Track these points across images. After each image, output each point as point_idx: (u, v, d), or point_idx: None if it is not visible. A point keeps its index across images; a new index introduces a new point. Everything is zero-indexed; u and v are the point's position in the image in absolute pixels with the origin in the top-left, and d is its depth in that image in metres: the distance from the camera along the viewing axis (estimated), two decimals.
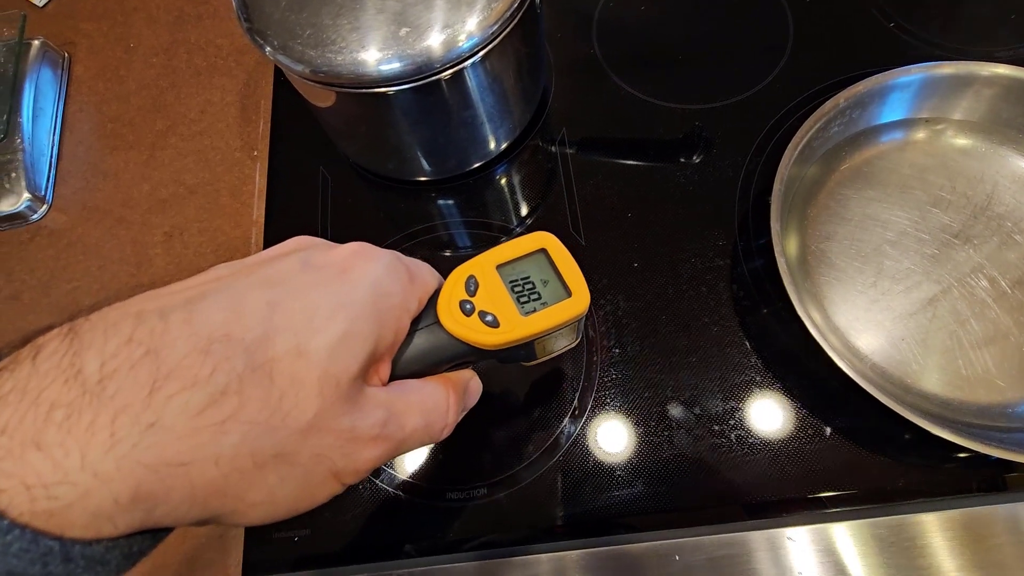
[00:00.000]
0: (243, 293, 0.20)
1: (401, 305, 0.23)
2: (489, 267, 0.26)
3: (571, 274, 0.27)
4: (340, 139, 0.48)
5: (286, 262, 0.22)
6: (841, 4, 0.51)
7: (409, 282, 0.24)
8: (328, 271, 0.22)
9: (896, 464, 0.36)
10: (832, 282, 0.40)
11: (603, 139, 0.49)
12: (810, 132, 0.40)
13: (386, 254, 0.24)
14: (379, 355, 0.22)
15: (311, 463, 0.20)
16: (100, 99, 0.57)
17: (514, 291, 0.26)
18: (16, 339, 0.20)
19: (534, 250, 0.27)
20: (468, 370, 0.28)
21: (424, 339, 0.25)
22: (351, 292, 0.22)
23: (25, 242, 0.51)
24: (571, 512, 0.37)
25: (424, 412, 0.24)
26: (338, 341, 0.20)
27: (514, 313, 0.25)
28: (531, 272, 0.27)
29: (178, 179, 0.52)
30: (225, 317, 0.19)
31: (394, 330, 0.23)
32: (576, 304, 0.26)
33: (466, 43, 0.37)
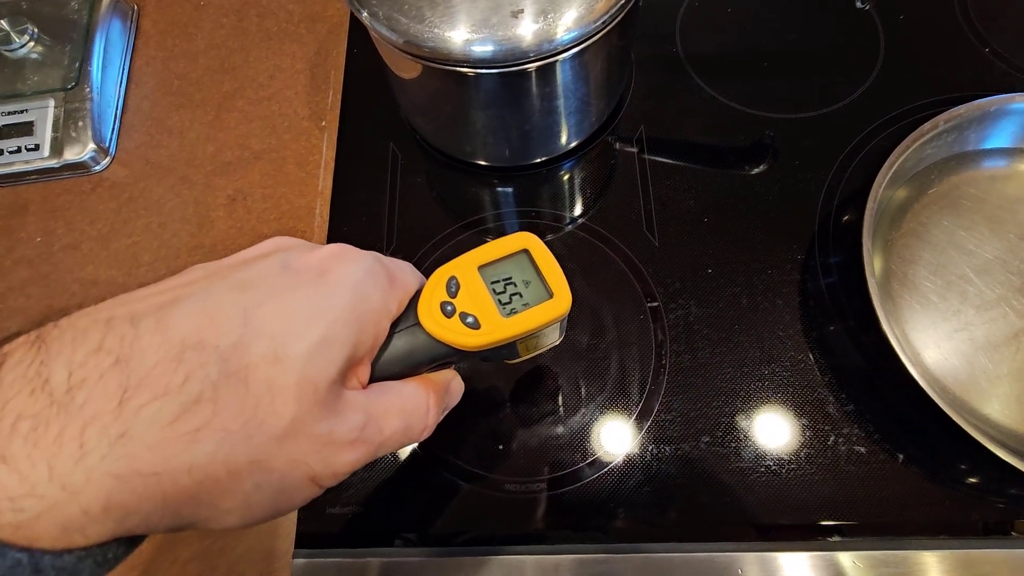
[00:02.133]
0: (218, 298, 0.20)
1: (380, 308, 0.23)
2: (471, 268, 0.26)
3: (553, 275, 0.26)
4: (417, 116, 0.47)
5: (264, 264, 0.22)
6: (935, 25, 0.50)
7: (389, 285, 0.24)
8: (307, 274, 0.22)
9: (969, 496, 0.36)
10: (914, 306, 0.40)
11: (680, 140, 0.48)
12: (906, 152, 0.39)
13: (366, 256, 0.24)
14: (358, 359, 0.22)
15: (288, 468, 0.20)
16: (168, 55, 0.56)
17: (495, 292, 0.26)
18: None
19: (516, 251, 0.27)
20: (450, 370, 0.27)
21: (404, 341, 0.25)
22: (330, 296, 0.21)
23: (87, 192, 0.50)
24: (630, 515, 0.37)
25: (404, 414, 0.24)
26: (316, 346, 0.20)
27: (495, 314, 0.25)
28: (513, 273, 0.26)
29: (243, 143, 0.52)
30: (198, 323, 0.19)
31: (373, 334, 0.23)
32: (557, 305, 0.26)
33: (564, 36, 0.37)
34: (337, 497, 0.38)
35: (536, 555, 0.36)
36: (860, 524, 0.36)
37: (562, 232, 0.45)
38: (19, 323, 0.46)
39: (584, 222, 0.45)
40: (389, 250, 0.45)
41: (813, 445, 0.38)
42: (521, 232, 0.27)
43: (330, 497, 0.38)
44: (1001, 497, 0.36)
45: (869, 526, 0.36)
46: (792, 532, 0.36)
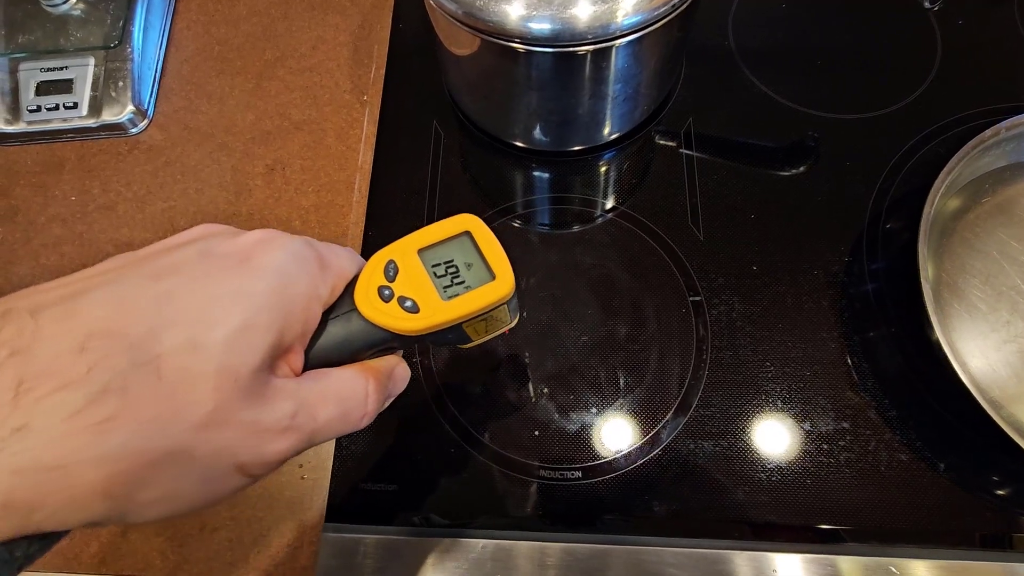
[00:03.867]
0: (130, 287, 0.19)
1: (309, 293, 0.22)
2: (410, 251, 0.25)
3: (495, 257, 0.26)
4: (464, 94, 0.47)
5: (183, 252, 0.21)
6: (993, 32, 0.49)
7: (319, 269, 0.23)
8: (229, 260, 0.21)
9: (1014, 509, 0.35)
10: (962, 314, 0.39)
11: (728, 136, 0.47)
12: (965, 158, 0.38)
13: (295, 241, 0.23)
14: (286, 345, 0.22)
15: (211, 458, 0.19)
16: (209, 20, 0.55)
17: (436, 275, 0.25)
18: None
19: (458, 233, 0.26)
20: (394, 356, 0.27)
21: (340, 327, 0.24)
22: (252, 282, 0.21)
23: (123, 154, 0.50)
24: (665, 508, 0.36)
25: (340, 401, 0.23)
26: (236, 333, 0.19)
27: (435, 298, 0.25)
28: (455, 255, 0.26)
29: (284, 112, 0.51)
30: (106, 313, 0.18)
31: (302, 319, 0.22)
32: (500, 287, 0.25)
33: (624, 21, 0.36)
34: (370, 474, 0.38)
35: (568, 543, 0.36)
36: (899, 531, 0.35)
37: (604, 220, 0.45)
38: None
39: (628, 212, 0.45)
40: None
41: (853, 449, 0.37)
42: (463, 214, 0.26)
43: (363, 473, 0.38)
44: None
45: (908, 533, 0.35)
46: (829, 535, 0.35)
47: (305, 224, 0.46)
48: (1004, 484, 0.36)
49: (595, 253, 0.43)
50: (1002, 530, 0.35)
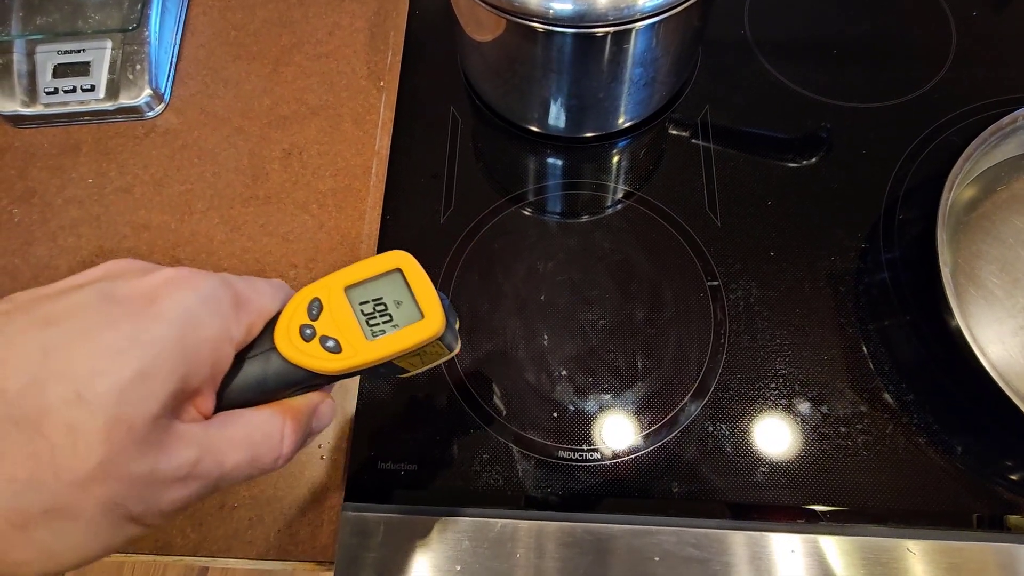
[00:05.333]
0: (13, 337, 0.19)
1: (219, 336, 0.22)
2: (336, 289, 0.25)
3: (425, 295, 0.25)
4: (482, 78, 0.47)
5: (80, 295, 0.20)
6: (1007, 22, 0.49)
7: (233, 309, 0.23)
8: (130, 305, 0.20)
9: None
10: (979, 301, 0.39)
11: (744, 124, 0.48)
12: (981, 146, 0.39)
13: (208, 281, 0.22)
14: (192, 389, 0.21)
15: (97, 513, 0.19)
16: (225, 5, 0.55)
17: (363, 313, 0.25)
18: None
19: (389, 270, 0.25)
20: (317, 393, 0.26)
21: (257, 367, 0.23)
22: (151, 327, 0.20)
23: (140, 137, 0.50)
24: (684, 490, 0.37)
25: (250, 445, 0.22)
26: (129, 382, 0.19)
27: (359, 337, 0.24)
28: (384, 293, 0.25)
29: (300, 98, 0.51)
30: None
31: (210, 363, 0.21)
32: (427, 326, 0.25)
33: (644, 4, 0.36)
34: (390, 453, 0.38)
35: (587, 523, 0.36)
36: (917, 512, 0.35)
37: (621, 206, 0.45)
38: (68, 262, 0.45)
39: (645, 198, 0.45)
40: (447, 214, 0.45)
41: (871, 433, 0.37)
42: (395, 251, 0.26)
43: (383, 452, 0.38)
44: None
45: (926, 515, 0.35)
46: (847, 517, 0.36)
47: (322, 208, 0.46)
48: (1022, 467, 0.36)
49: (613, 238, 0.44)
50: (1018, 513, 0.35)
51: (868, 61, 0.49)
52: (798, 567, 0.35)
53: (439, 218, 0.45)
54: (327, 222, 0.46)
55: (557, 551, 0.35)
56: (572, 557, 0.35)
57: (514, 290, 0.42)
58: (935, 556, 0.34)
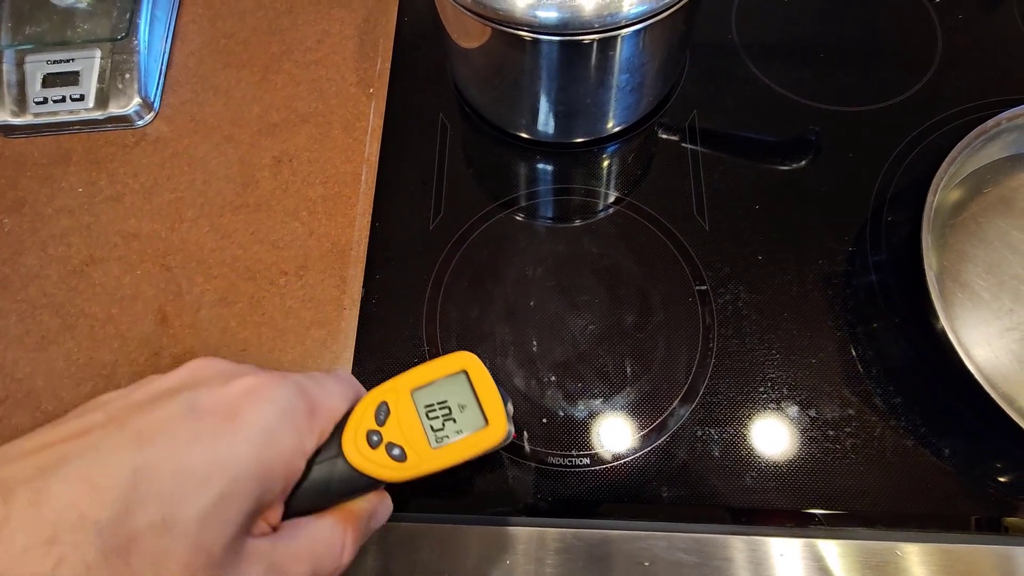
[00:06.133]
0: (107, 458, 0.19)
1: (294, 451, 0.22)
2: (404, 392, 0.25)
3: (490, 400, 0.25)
4: (470, 85, 0.47)
5: (168, 407, 0.21)
6: (993, 26, 0.50)
7: (308, 420, 0.23)
8: (213, 418, 0.21)
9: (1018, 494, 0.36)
10: (965, 303, 0.40)
11: (732, 129, 0.48)
12: (966, 149, 0.39)
13: (284, 390, 0.23)
14: (265, 506, 0.21)
15: None
16: (215, 13, 0.55)
17: (428, 417, 0.25)
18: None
19: (454, 372, 0.26)
20: (377, 493, 0.26)
21: (324, 472, 0.24)
22: (234, 446, 0.20)
23: (130, 146, 0.50)
24: (673, 494, 0.37)
25: (314, 558, 0.23)
26: (212, 507, 0.19)
27: (424, 445, 0.25)
28: (449, 396, 0.25)
29: (290, 105, 0.51)
30: (79, 492, 0.18)
31: (284, 478, 0.22)
32: (491, 435, 0.25)
33: (630, 10, 0.36)
34: None
35: (577, 528, 0.36)
36: (905, 515, 0.36)
37: (610, 211, 0.45)
38: (59, 271, 0.45)
39: (633, 203, 0.45)
40: (436, 220, 0.45)
41: (859, 435, 0.37)
42: (461, 352, 0.26)
43: None
44: None
45: (914, 517, 0.36)
46: (837, 520, 0.36)
47: (312, 215, 0.47)
48: (1009, 469, 0.36)
49: (601, 243, 0.44)
50: (1006, 514, 0.35)
51: (855, 65, 0.49)
52: (788, 570, 0.35)
53: (428, 224, 0.45)
54: (317, 229, 0.46)
55: (547, 557, 0.36)
56: (562, 563, 0.35)
57: (503, 296, 0.42)
58: (924, 558, 0.35)
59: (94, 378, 0.42)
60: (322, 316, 0.43)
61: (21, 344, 0.43)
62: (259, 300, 0.44)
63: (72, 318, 0.44)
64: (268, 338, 0.43)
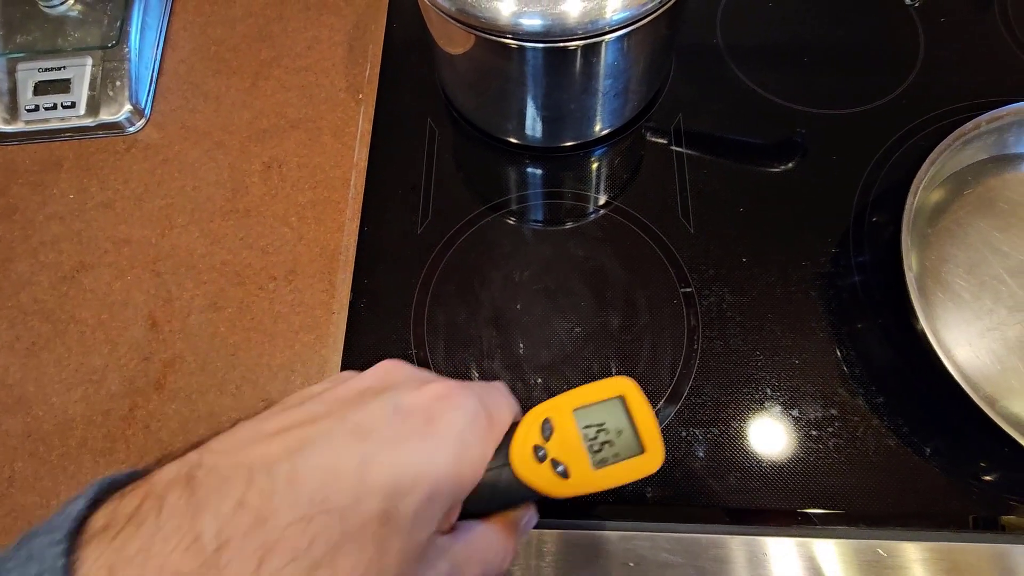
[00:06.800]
0: (339, 447, 0.21)
1: (480, 457, 0.24)
2: (566, 410, 0.26)
3: (647, 427, 0.26)
4: (457, 91, 0.47)
5: (377, 406, 0.23)
6: (975, 29, 0.50)
7: (489, 430, 0.25)
8: (415, 421, 0.23)
9: (998, 492, 0.36)
10: (947, 303, 0.40)
11: (717, 132, 0.48)
12: (947, 150, 0.39)
13: (470, 399, 0.24)
14: (455, 504, 0.24)
15: None
16: (205, 21, 0.56)
17: (587, 438, 0.26)
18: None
19: (612, 396, 0.26)
20: (530, 503, 0.28)
21: (495, 480, 0.25)
22: (437, 450, 0.23)
23: (121, 152, 0.50)
24: (658, 494, 0.37)
25: (485, 561, 0.25)
26: (421, 505, 0.21)
27: (585, 464, 0.25)
28: (607, 419, 0.26)
29: (280, 111, 0.52)
30: (324, 478, 0.20)
31: (471, 481, 0.24)
32: (649, 462, 0.25)
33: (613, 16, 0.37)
34: None
35: (561, 530, 0.37)
36: (887, 514, 0.36)
37: (596, 214, 0.46)
38: (50, 278, 0.46)
39: (619, 206, 0.45)
40: (424, 225, 0.45)
41: (842, 436, 0.38)
42: (619, 376, 0.27)
43: None
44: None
45: (895, 516, 0.36)
46: (819, 519, 0.36)
47: (302, 220, 0.47)
48: (988, 467, 0.37)
49: (588, 247, 0.44)
50: (986, 512, 0.36)
51: (838, 68, 0.50)
52: (772, 569, 0.35)
53: (417, 229, 0.45)
54: (306, 234, 0.47)
55: (533, 559, 0.36)
56: (547, 564, 0.36)
57: (490, 299, 0.43)
58: (907, 556, 0.35)
59: (84, 383, 0.42)
60: (311, 320, 0.44)
61: (11, 350, 0.43)
62: (248, 305, 0.44)
63: (63, 324, 0.44)
64: (257, 342, 0.43)
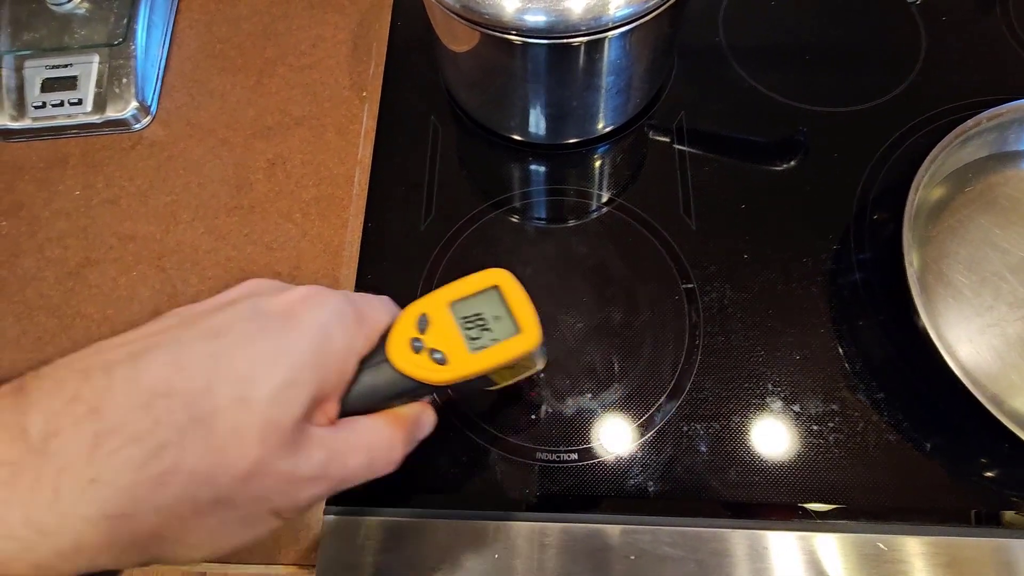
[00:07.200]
0: (187, 346, 0.21)
1: (346, 348, 0.24)
2: (442, 304, 0.27)
3: (522, 310, 0.27)
4: (461, 88, 0.48)
5: (234, 310, 0.23)
6: (977, 27, 0.50)
7: (356, 324, 0.25)
8: (275, 319, 0.23)
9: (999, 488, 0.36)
10: (948, 300, 0.40)
11: (719, 129, 0.48)
12: (948, 147, 0.39)
13: (335, 297, 0.25)
14: (324, 396, 0.23)
15: (251, 505, 0.21)
16: (211, 19, 0.56)
17: (465, 327, 0.27)
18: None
19: (487, 287, 0.27)
20: (419, 403, 0.28)
21: (373, 376, 0.26)
22: (295, 340, 0.23)
23: (126, 149, 0.51)
24: (660, 489, 0.37)
25: (368, 450, 0.25)
26: (279, 389, 0.21)
27: (463, 350, 0.26)
28: (484, 309, 0.27)
29: (284, 109, 0.52)
30: (168, 371, 0.20)
31: (339, 372, 0.24)
32: (524, 340, 0.26)
33: (616, 13, 0.37)
34: None
35: (564, 523, 0.37)
36: (887, 508, 0.36)
37: (598, 211, 0.46)
38: (56, 273, 0.46)
39: (621, 202, 0.46)
40: (428, 221, 0.46)
41: (842, 431, 0.38)
42: (493, 268, 0.28)
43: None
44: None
45: (896, 511, 0.36)
46: (820, 514, 0.36)
47: (306, 217, 0.47)
48: (988, 462, 0.37)
49: (590, 243, 0.44)
50: (987, 507, 0.36)
51: (840, 66, 0.50)
52: (773, 563, 0.35)
53: (420, 225, 0.46)
54: (310, 230, 0.47)
55: (536, 552, 0.36)
56: (551, 557, 0.36)
57: None
58: (907, 550, 0.35)
59: None
60: None
61: (18, 345, 0.44)
62: None
63: (69, 319, 0.45)
64: None
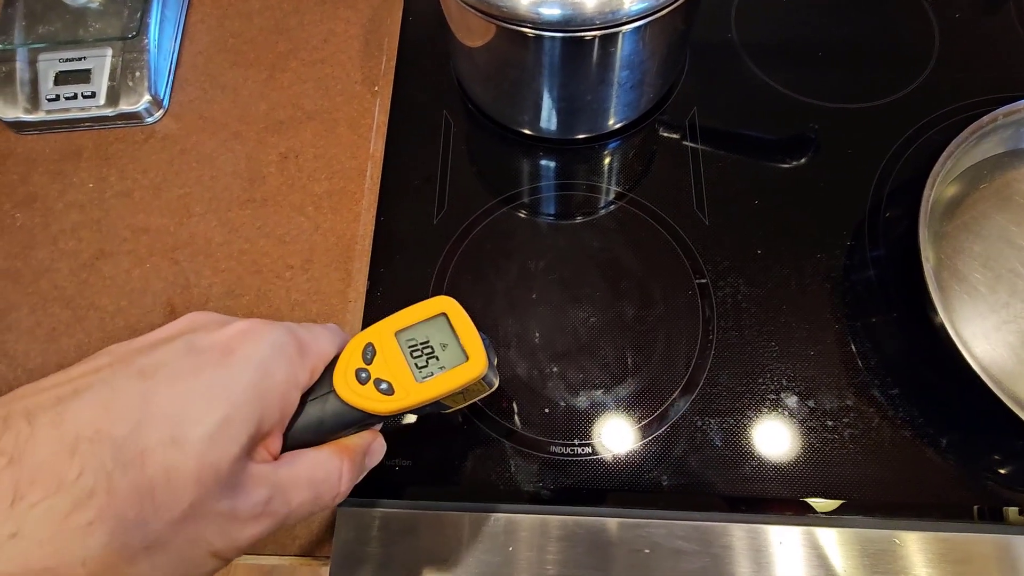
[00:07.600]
0: (117, 387, 0.21)
1: (287, 382, 0.24)
2: (388, 333, 0.27)
3: (469, 338, 0.27)
4: (474, 82, 0.48)
5: (169, 348, 0.22)
6: (990, 24, 0.50)
7: (299, 356, 0.25)
8: (211, 355, 0.22)
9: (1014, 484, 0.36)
10: (963, 296, 0.40)
11: (731, 126, 0.48)
12: (963, 144, 0.39)
13: (275, 330, 0.24)
14: (264, 433, 0.23)
15: (187, 548, 0.21)
16: (223, 13, 0.56)
17: (412, 356, 0.27)
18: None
19: (434, 315, 0.27)
20: (369, 432, 0.28)
21: (318, 409, 0.25)
22: (232, 376, 0.22)
23: (139, 142, 0.51)
24: (673, 483, 0.37)
25: (313, 484, 0.24)
26: (216, 428, 0.21)
27: (409, 379, 0.26)
28: (431, 336, 0.27)
29: (296, 103, 0.52)
30: (96, 414, 0.20)
31: (279, 406, 0.23)
32: (472, 368, 0.26)
33: (631, 7, 0.37)
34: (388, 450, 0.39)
35: (578, 516, 0.37)
36: (902, 504, 0.36)
37: (611, 206, 0.46)
38: (69, 265, 0.46)
39: (634, 198, 0.46)
40: (440, 215, 0.46)
41: (857, 426, 0.38)
42: (440, 296, 0.28)
43: None
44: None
45: (911, 507, 0.36)
46: (835, 509, 0.36)
47: (318, 210, 0.47)
48: (1006, 459, 0.37)
49: (602, 238, 0.44)
50: (1002, 504, 0.36)
51: (853, 63, 0.50)
52: (787, 558, 0.35)
53: (432, 219, 0.46)
54: (322, 224, 0.47)
55: (549, 544, 0.36)
56: (564, 550, 0.36)
57: (506, 289, 0.43)
58: (921, 546, 0.35)
59: None
60: (327, 308, 0.44)
61: (32, 336, 0.44)
62: (265, 293, 0.45)
63: (82, 310, 0.45)
64: None
